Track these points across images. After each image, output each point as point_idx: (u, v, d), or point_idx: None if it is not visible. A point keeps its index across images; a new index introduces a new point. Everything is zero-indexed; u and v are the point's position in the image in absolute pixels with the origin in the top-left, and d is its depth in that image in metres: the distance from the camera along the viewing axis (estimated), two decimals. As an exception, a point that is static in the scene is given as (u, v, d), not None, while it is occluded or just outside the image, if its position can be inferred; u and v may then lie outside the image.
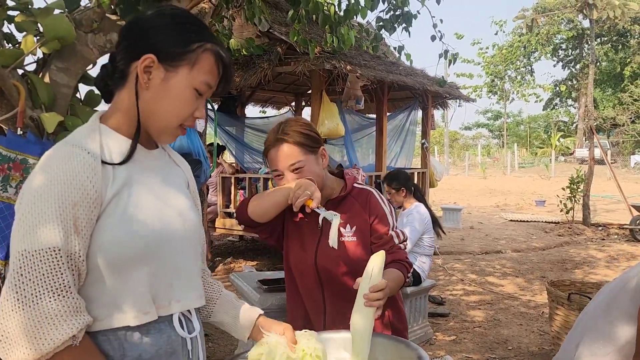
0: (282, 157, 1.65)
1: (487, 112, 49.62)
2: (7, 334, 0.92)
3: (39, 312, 0.93)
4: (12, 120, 1.87)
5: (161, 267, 1.09)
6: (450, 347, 4.05)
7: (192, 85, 1.09)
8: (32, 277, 0.93)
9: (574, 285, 3.87)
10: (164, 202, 1.13)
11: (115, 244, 1.02)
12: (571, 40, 31.62)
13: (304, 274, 1.76)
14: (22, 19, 2.02)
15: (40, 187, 0.97)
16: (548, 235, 9.51)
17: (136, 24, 1.11)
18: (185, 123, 1.12)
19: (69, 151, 1.02)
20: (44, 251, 0.94)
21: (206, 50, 1.09)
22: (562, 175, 19.28)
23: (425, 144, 8.74)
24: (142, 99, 1.08)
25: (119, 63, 1.10)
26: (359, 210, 1.74)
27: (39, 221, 0.95)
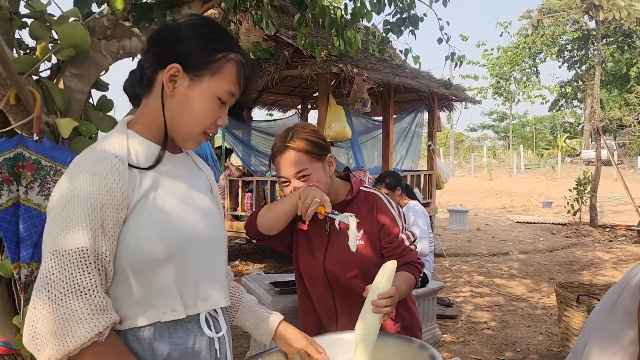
0: (289, 164, 1.65)
1: (492, 114, 49.53)
2: (38, 331, 0.96)
3: (66, 310, 0.96)
4: (27, 126, 1.91)
5: (186, 267, 1.12)
6: (459, 349, 4.06)
7: (215, 94, 1.12)
8: (61, 276, 0.97)
9: (582, 286, 3.87)
10: (189, 204, 1.16)
11: (141, 245, 1.05)
12: (577, 41, 31.55)
13: (313, 280, 1.77)
14: (36, 27, 2.06)
15: (70, 190, 1.01)
16: (555, 236, 9.49)
17: (164, 32, 1.14)
18: (208, 130, 1.16)
19: (97, 155, 1.05)
20: (73, 251, 0.98)
21: (230, 60, 1.12)
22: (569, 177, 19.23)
23: (432, 146, 8.75)
24: (168, 107, 1.12)
25: (147, 70, 1.13)
26: (366, 213, 1.74)
27: (68, 223, 0.99)
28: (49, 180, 1.86)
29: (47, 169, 1.86)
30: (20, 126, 1.89)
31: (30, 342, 0.98)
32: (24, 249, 1.81)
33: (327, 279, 1.73)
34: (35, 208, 1.84)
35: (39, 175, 1.84)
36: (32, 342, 0.97)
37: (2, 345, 1.98)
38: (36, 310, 0.97)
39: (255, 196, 6.97)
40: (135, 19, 2.18)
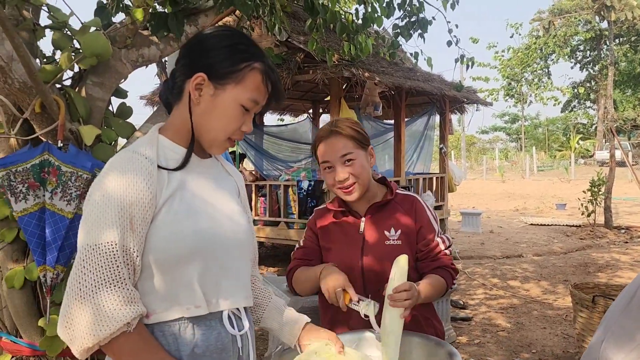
0: (336, 148, 1.68)
1: (504, 116, 49.24)
2: (71, 321, 1.02)
3: (97, 300, 1.02)
4: (51, 133, 1.97)
5: (210, 266, 1.17)
6: (474, 351, 4.06)
7: (238, 102, 1.18)
8: (92, 268, 1.03)
9: (597, 287, 3.86)
10: (214, 206, 1.21)
11: (166, 242, 1.10)
12: (589, 42, 31.30)
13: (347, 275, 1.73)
14: (58, 37, 2.12)
15: (102, 189, 1.08)
16: (569, 238, 9.42)
17: (193, 43, 1.21)
18: (233, 136, 1.21)
19: (129, 157, 1.12)
20: (103, 245, 1.04)
21: (253, 69, 1.18)
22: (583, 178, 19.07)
23: (444, 149, 8.75)
24: (195, 114, 1.18)
25: (177, 79, 1.20)
26: (403, 215, 1.76)
27: (100, 218, 1.05)
28: (70, 185, 1.92)
29: (67, 175, 1.91)
30: (45, 134, 1.95)
31: (63, 332, 1.04)
32: (49, 253, 1.87)
33: (363, 277, 1.72)
34: (59, 213, 1.90)
35: (61, 181, 1.90)
36: (66, 332, 1.03)
37: (28, 347, 2.03)
38: (69, 301, 1.03)
39: (269, 200, 7.02)
40: (153, 28, 2.24)
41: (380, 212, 1.77)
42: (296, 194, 6.65)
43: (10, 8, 2.08)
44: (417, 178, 8.08)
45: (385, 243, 1.72)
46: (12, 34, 1.61)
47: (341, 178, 1.68)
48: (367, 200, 1.78)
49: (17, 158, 1.87)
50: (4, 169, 1.88)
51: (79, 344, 1.02)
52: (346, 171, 1.68)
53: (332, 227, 1.82)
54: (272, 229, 6.99)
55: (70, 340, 1.03)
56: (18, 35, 1.66)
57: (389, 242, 1.72)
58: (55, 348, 1.95)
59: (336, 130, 1.70)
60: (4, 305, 2.08)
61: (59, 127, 1.92)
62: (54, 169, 1.89)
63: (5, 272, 2.01)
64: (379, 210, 1.77)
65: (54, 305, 1.99)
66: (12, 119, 1.99)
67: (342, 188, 1.70)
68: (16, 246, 2.03)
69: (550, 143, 45.24)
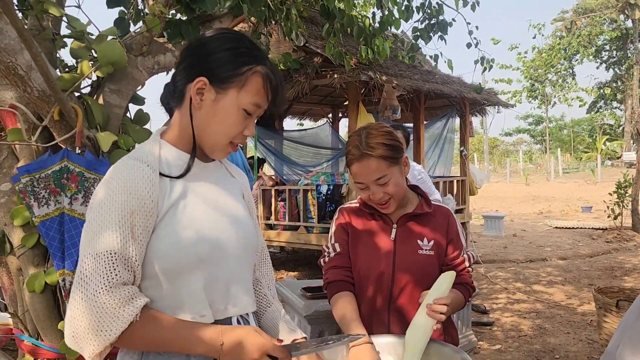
0: (368, 171, 1.64)
1: (527, 117, 48.53)
2: (77, 329, 1.03)
3: (99, 307, 1.02)
4: (70, 140, 2.01)
5: (217, 273, 1.17)
6: (496, 356, 4.00)
7: (240, 106, 1.16)
8: (92, 277, 1.04)
9: (622, 292, 3.77)
10: (219, 211, 1.21)
11: (171, 251, 1.10)
12: (615, 41, 30.68)
13: (373, 281, 1.72)
14: (77, 46, 2.17)
15: (104, 197, 1.09)
16: (595, 242, 9.22)
17: (194, 47, 1.20)
18: (235, 140, 1.20)
19: (130, 164, 1.12)
20: (103, 254, 1.04)
21: (255, 72, 1.16)
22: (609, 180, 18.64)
23: (464, 152, 8.66)
24: (196, 118, 1.17)
25: (178, 83, 1.20)
26: (437, 226, 1.75)
27: (101, 227, 1.06)
28: (92, 191, 1.96)
29: (90, 181, 1.95)
30: (64, 141, 2.00)
31: (72, 341, 1.05)
32: (68, 257, 1.90)
33: (392, 284, 1.70)
34: (79, 218, 1.94)
35: (83, 186, 1.94)
36: (74, 341, 1.04)
37: (49, 349, 2.07)
38: (73, 309, 1.04)
39: (288, 205, 7.05)
40: (169, 35, 2.27)
41: (413, 221, 1.75)
42: (315, 198, 6.66)
43: (31, 18, 2.14)
44: (437, 181, 8.01)
45: (418, 252, 1.70)
46: (31, 44, 1.65)
47: (376, 198, 1.67)
48: (402, 206, 1.76)
49: (39, 165, 1.92)
50: (28, 175, 1.93)
51: (90, 350, 1.03)
52: (381, 191, 1.65)
53: (362, 228, 1.79)
54: (292, 233, 7.01)
55: (79, 348, 1.04)
56: (36, 45, 1.70)
57: (422, 252, 1.70)
58: (75, 351, 1.98)
59: (367, 153, 1.63)
60: (25, 309, 2.12)
61: (77, 134, 1.96)
62: (73, 175, 1.93)
63: (26, 276, 2.05)
64: (412, 220, 1.75)
65: (73, 309, 2.02)
66: (32, 126, 2.04)
67: (379, 204, 1.69)
68: (37, 251, 2.07)
69: (575, 145, 44.41)
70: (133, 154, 1.17)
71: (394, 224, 1.75)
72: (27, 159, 2.06)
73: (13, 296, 2.22)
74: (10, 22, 1.58)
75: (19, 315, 2.17)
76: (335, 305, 1.69)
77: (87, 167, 1.93)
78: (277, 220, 7.27)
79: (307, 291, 2.56)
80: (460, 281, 1.71)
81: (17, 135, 2.02)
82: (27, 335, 2.14)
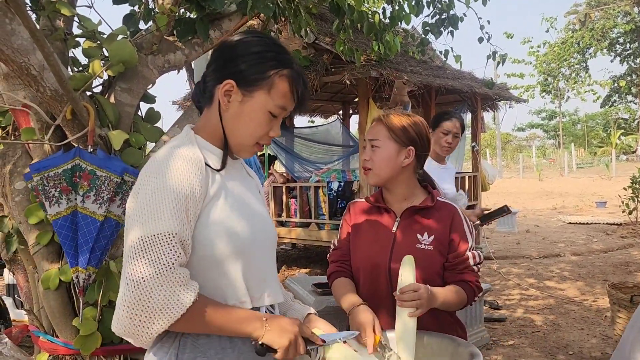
0: (371, 131, 1.79)
1: (540, 112, 48.07)
2: (138, 312, 1.04)
3: (165, 285, 1.04)
4: (82, 139, 2.03)
5: (254, 263, 1.22)
6: (509, 352, 3.98)
7: (266, 109, 1.21)
8: (153, 258, 1.05)
9: (636, 287, 3.73)
10: (249, 206, 1.27)
11: (212, 240, 1.15)
12: (629, 34, 30.22)
13: (371, 274, 1.75)
14: (88, 45, 2.19)
15: (157, 181, 1.11)
16: (610, 237, 9.13)
17: (223, 49, 1.25)
18: (261, 141, 1.25)
19: (180, 152, 1.16)
20: (163, 235, 1.07)
21: (282, 76, 1.20)
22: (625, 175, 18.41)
23: (476, 147, 8.60)
24: (224, 119, 1.22)
25: (208, 84, 1.24)
26: (440, 221, 1.75)
27: (157, 210, 1.08)
28: (104, 189, 1.98)
29: (102, 179, 1.97)
30: (76, 139, 2.02)
31: (126, 327, 1.05)
32: (81, 255, 1.93)
33: (389, 276, 1.71)
34: (91, 216, 1.96)
35: (94, 184, 1.96)
36: (130, 325, 1.05)
37: (63, 345, 2.11)
38: (128, 295, 1.04)
39: (300, 202, 7.06)
40: (180, 33, 2.29)
41: (416, 214, 1.75)
42: (326, 195, 6.66)
43: (43, 19, 2.17)
44: (449, 177, 7.97)
45: (417, 246, 1.70)
46: (43, 44, 1.67)
47: (364, 157, 1.80)
48: (405, 200, 1.79)
49: (50, 163, 1.94)
50: (38, 173, 1.95)
51: (153, 329, 1.04)
52: (369, 154, 1.77)
53: (365, 221, 1.82)
54: (303, 230, 7.02)
55: (134, 332, 1.05)
56: (48, 45, 1.72)
57: (420, 246, 1.70)
58: (89, 347, 2.01)
59: (382, 117, 1.79)
60: (41, 306, 2.16)
61: (89, 132, 1.98)
62: (85, 174, 1.95)
63: (41, 274, 2.08)
64: (416, 213, 1.75)
65: (87, 306, 2.05)
66: (45, 126, 2.06)
67: (363, 167, 1.81)
68: (51, 248, 2.10)
69: (589, 139, 43.92)
70: (178, 144, 1.20)
71: (398, 218, 1.76)
72: (40, 158, 2.09)
73: (28, 293, 2.26)
74: (23, 23, 1.60)
75: (34, 312, 2.20)
76: (335, 291, 1.77)
77: (99, 166, 1.95)
78: (288, 217, 7.29)
79: (318, 287, 2.58)
80: (463, 279, 1.70)
81: (31, 134, 2.05)
82: (43, 331, 2.17)
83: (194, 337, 1.15)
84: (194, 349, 1.15)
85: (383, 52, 4.39)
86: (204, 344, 1.15)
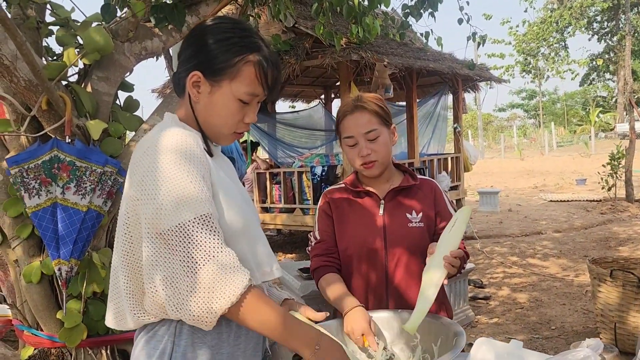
0: (360, 123, 1.67)
1: (521, 92, 48.45)
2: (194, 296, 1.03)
3: (220, 263, 1.05)
4: (59, 129, 2.00)
5: (257, 240, 1.25)
6: (493, 330, 4.06)
7: (236, 97, 1.19)
8: (200, 241, 1.05)
9: (616, 262, 3.81)
10: (239, 190, 1.29)
11: (223, 216, 1.15)
12: (606, 12, 30.46)
13: (366, 258, 1.73)
14: (62, 34, 2.14)
15: (173, 165, 1.08)
16: (590, 214, 9.30)
17: (190, 38, 1.23)
18: (237, 129, 1.24)
19: (185, 133, 1.14)
20: (199, 219, 1.06)
21: (247, 62, 1.18)
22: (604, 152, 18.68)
23: (458, 128, 8.66)
24: (196, 110, 1.22)
25: (181, 75, 1.22)
26: (424, 198, 1.76)
27: (185, 194, 1.06)
28: (85, 180, 1.95)
29: (82, 170, 1.94)
30: (53, 130, 1.98)
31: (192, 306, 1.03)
32: (63, 247, 1.90)
33: (386, 259, 1.71)
34: (73, 207, 1.94)
35: (75, 175, 1.93)
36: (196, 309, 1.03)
37: (48, 339, 2.09)
38: (186, 280, 1.03)
39: (283, 188, 7.05)
40: (157, 20, 2.24)
41: (400, 195, 1.75)
42: (310, 180, 6.66)
43: (14, 7, 2.11)
44: (431, 159, 8.03)
45: (408, 225, 1.71)
46: (15, 33, 1.62)
47: (364, 153, 1.67)
48: (386, 182, 1.77)
49: (28, 155, 1.91)
50: (16, 166, 1.91)
51: (214, 310, 1.03)
52: (369, 147, 1.67)
53: (347, 207, 1.78)
54: (288, 215, 7.03)
55: (197, 315, 1.04)
56: (21, 34, 1.68)
57: (412, 225, 1.71)
58: (74, 339, 2.00)
59: (361, 105, 1.68)
60: (24, 300, 2.13)
61: (66, 123, 1.94)
62: (64, 165, 1.92)
63: (23, 267, 2.05)
64: (399, 194, 1.75)
65: (71, 298, 2.04)
66: (21, 117, 2.02)
67: (364, 163, 1.69)
68: (32, 242, 2.07)
69: (569, 118, 44.45)
70: (173, 125, 1.18)
71: (382, 200, 1.75)
72: (16, 150, 2.05)
73: (11, 287, 2.23)
74: (-8, 12, 1.55)
75: (17, 307, 2.18)
76: (324, 289, 1.70)
77: (78, 156, 1.92)
78: (272, 203, 7.28)
79: (304, 272, 2.59)
80: None
81: (6, 126, 2.01)
82: (27, 325, 2.15)
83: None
84: (191, 334, 1.14)
85: (363, 35, 4.36)
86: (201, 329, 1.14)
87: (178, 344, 1.13)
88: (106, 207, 2.04)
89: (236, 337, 1.19)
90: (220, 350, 1.16)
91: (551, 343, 3.73)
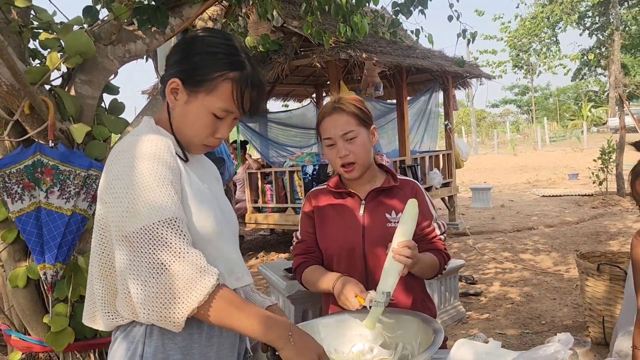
0: (338, 124, 1.70)
1: (513, 88, 48.59)
2: (151, 306, 1.05)
3: (186, 268, 1.06)
4: (43, 133, 1.99)
5: (229, 246, 1.25)
6: (484, 325, 4.08)
7: (209, 110, 1.21)
8: (165, 244, 1.06)
9: (604, 255, 3.84)
10: (215, 194, 1.29)
11: (193, 221, 1.16)
12: (597, 7, 30.57)
13: (346, 258, 1.75)
14: (45, 37, 2.14)
15: (143, 169, 1.10)
16: (581, 208, 9.35)
17: (181, 44, 1.25)
18: (207, 143, 1.25)
19: (156, 138, 1.16)
20: (164, 222, 1.07)
21: (226, 79, 1.19)
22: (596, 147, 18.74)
23: (449, 125, 8.68)
24: (172, 116, 1.24)
25: (165, 79, 1.24)
26: (404, 199, 1.73)
27: (154, 197, 1.08)
28: (69, 183, 1.95)
29: (65, 174, 1.94)
30: (37, 134, 1.98)
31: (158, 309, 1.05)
32: (48, 251, 1.91)
33: (364, 259, 1.73)
34: (57, 211, 1.94)
35: (58, 179, 1.93)
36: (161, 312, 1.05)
37: (36, 343, 2.09)
38: (153, 283, 1.04)
39: (275, 187, 7.06)
40: (140, 22, 2.24)
41: (381, 195, 1.78)
42: (302, 179, 6.67)
43: (-5, 12, 2.10)
44: (423, 156, 8.05)
45: (387, 225, 1.73)
46: (-6, 38, 1.62)
47: (342, 154, 1.69)
48: (368, 183, 1.79)
49: (10, 160, 1.91)
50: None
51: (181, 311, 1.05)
52: (347, 149, 1.69)
53: (329, 208, 1.81)
54: (280, 215, 7.04)
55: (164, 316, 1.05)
56: (2, 38, 1.68)
57: (390, 225, 1.73)
58: (61, 343, 2.00)
59: (339, 107, 1.71)
60: (11, 305, 2.13)
61: (49, 127, 1.94)
62: (47, 169, 1.92)
63: (9, 272, 2.05)
64: (380, 194, 1.78)
65: (57, 302, 2.04)
66: (4, 121, 2.02)
67: (343, 165, 1.71)
68: (17, 246, 2.07)
69: (561, 113, 44.62)
70: (148, 131, 1.19)
71: (363, 200, 1.77)
72: (0, 155, 2.04)
73: (-3, 292, 2.23)
74: (-30, 17, 1.55)
75: (4, 311, 2.18)
76: (307, 280, 1.76)
77: (61, 160, 1.92)
78: (264, 203, 7.29)
79: (289, 272, 2.59)
80: (433, 247, 1.76)
81: (-12, 131, 2.00)
82: (14, 330, 2.15)
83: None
84: (161, 335, 1.15)
85: (351, 34, 4.37)
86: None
87: (149, 344, 1.15)
88: (91, 210, 2.04)
89: (208, 338, 1.20)
90: (191, 351, 1.17)
91: (541, 338, 3.75)
